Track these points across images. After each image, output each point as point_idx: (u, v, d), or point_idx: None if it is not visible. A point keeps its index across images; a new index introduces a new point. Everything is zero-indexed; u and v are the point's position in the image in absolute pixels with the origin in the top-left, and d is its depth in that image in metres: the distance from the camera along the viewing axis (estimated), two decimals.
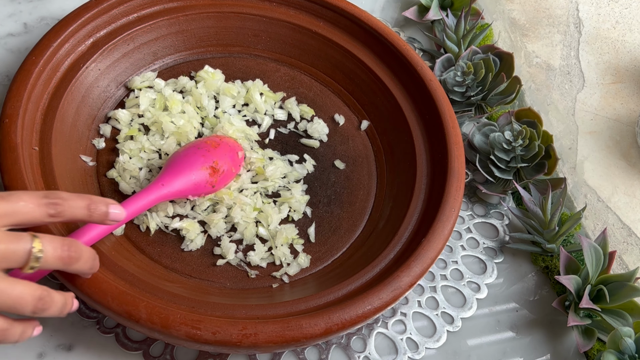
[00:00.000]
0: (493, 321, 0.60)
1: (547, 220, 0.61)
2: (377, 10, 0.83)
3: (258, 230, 0.59)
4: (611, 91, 0.79)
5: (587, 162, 0.72)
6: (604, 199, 0.69)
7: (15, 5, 0.75)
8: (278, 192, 0.62)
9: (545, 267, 0.63)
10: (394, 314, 0.59)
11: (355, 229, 0.62)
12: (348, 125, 0.69)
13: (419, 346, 0.57)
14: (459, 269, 0.62)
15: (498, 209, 0.67)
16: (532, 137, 0.65)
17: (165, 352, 0.54)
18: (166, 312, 0.47)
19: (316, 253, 0.60)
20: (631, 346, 0.53)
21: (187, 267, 0.57)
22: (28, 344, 0.53)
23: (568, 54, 0.81)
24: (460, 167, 0.59)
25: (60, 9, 0.74)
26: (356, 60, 0.69)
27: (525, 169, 0.66)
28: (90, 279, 0.48)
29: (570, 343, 0.59)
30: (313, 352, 0.56)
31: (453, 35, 0.75)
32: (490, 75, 0.69)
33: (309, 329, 0.48)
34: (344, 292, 0.53)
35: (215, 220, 0.59)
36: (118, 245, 0.56)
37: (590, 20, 0.85)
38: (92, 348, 0.53)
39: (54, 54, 0.60)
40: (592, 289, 0.57)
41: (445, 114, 0.62)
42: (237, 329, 0.47)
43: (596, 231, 0.66)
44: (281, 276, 0.58)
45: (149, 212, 0.58)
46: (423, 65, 0.66)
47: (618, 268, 0.64)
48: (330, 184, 0.64)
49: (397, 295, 0.51)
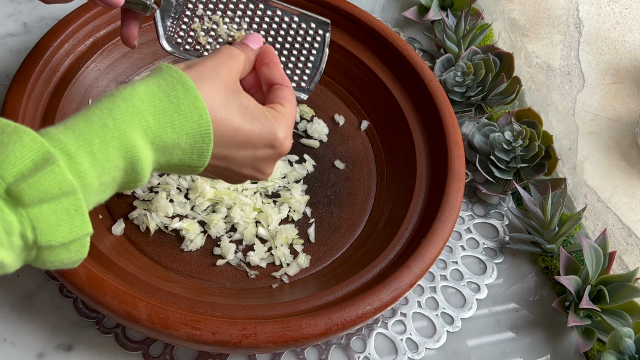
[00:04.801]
0: (493, 321, 0.60)
1: (547, 221, 0.61)
2: (377, 11, 0.83)
3: (258, 230, 0.59)
4: (611, 91, 0.79)
5: (587, 163, 0.72)
6: (604, 199, 0.69)
7: (15, 5, 0.75)
8: (278, 192, 0.62)
9: (545, 268, 0.63)
10: (394, 314, 0.59)
11: (355, 229, 0.62)
12: (348, 125, 0.69)
13: (419, 346, 0.57)
14: (458, 270, 0.62)
15: (498, 209, 0.67)
16: (532, 137, 0.65)
17: (165, 352, 0.54)
18: (166, 312, 0.47)
19: (316, 253, 0.60)
20: (631, 346, 0.53)
21: (187, 267, 0.57)
22: (28, 344, 0.53)
23: (568, 54, 0.81)
24: (460, 167, 0.59)
25: (60, 9, 0.74)
26: (356, 60, 0.69)
27: (525, 169, 0.66)
28: (90, 279, 0.48)
29: (570, 343, 0.59)
30: (313, 352, 0.56)
31: (453, 35, 0.75)
32: (490, 76, 0.69)
33: (308, 329, 0.48)
34: (344, 293, 0.53)
35: (215, 220, 0.59)
36: (118, 245, 0.56)
37: (590, 20, 0.85)
38: (91, 348, 0.53)
39: (54, 54, 0.60)
40: (592, 290, 0.57)
41: (445, 114, 0.62)
42: (237, 329, 0.47)
43: (596, 231, 0.66)
44: (281, 276, 0.58)
45: (149, 212, 0.58)
46: (423, 65, 0.66)
47: (618, 268, 0.64)
48: (330, 184, 0.64)
49: (397, 295, 0.51)
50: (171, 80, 0.40)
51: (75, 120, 0.37)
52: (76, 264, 0.38)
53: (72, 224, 0.35)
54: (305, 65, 0.51)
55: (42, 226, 0.34)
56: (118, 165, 0.37)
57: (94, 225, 0.55)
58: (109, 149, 0.37)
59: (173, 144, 0.39)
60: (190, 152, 0.40)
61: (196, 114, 0.39)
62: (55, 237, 0.35)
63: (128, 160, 0.38)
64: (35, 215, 0.34)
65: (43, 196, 0.34)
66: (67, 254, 0.36)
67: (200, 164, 0.42)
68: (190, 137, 0.40)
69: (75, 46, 0.62)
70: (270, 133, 0.44)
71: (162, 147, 0.39)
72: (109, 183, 0.38)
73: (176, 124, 0.39)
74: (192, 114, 0.39)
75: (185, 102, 0.39)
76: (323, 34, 0.51)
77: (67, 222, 0.35)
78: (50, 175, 0.34)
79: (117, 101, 0.38)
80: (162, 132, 0.39)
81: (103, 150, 0.37)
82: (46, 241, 0.34)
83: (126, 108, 0.38)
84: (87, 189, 0.36)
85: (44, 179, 0.34)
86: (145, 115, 0.38)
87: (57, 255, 0.36)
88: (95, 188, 0.37)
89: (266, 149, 0.44)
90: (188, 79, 0.40)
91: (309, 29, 0.51)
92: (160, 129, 0.39)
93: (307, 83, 0.52)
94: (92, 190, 0.37)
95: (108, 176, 0.37)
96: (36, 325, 0.54)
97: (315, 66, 0.51)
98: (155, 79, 0.40)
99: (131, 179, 0.39)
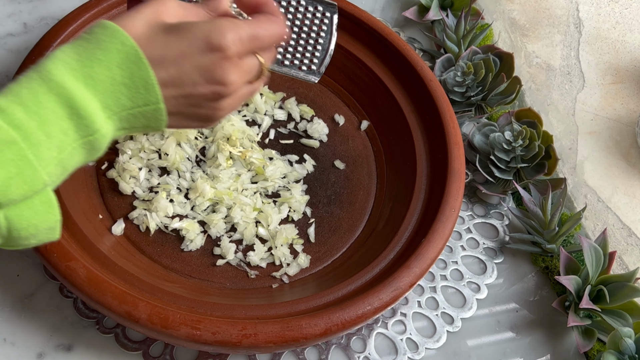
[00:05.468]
0: (493, 321, 0.60)
1: (547, 221, 0.61)
2: (377, 11, 0.83)
3: (258, 230, 0.59)
4: (611, 91, 0.79)
5: (587, 163, 0.72)
6: (604, 199, 0.69)
7: (15, 5, 0.75)
8: (278, 192, 0.62)
9: (545, 268, 0.63)
10: (394, 314, 0.59)
11: (355, 229, 0.62)
12: (348, 125, 0.69)
13: (419, 346, 0.57)
14: (459, 269, 0.62)
15: (498, 209, 0.67)
16: (532, 137, 0.65)
17: (165, 352, 0.54)
18: (166, 312, 0.47)
19: (316, 253, 0.60)
20: (631, 346, 0.53)
21: (187, 267, 0.57)
22: (28, 344, 0.53)
23: (568, 54, 0.81)
24: (460, 167, 0.59)
25: (60, 9, 0.74)
26: (356, 60, 0.69)
27: (525, 169, 0.66)
28: (90, 279, 0.48)
29: (570, 343, 0.59)
30: (313, 352, 0.56)
31: (453, 35, 0.75)
32: (490, 76, 0.69)
33: (308, 329, 0.48)
34: (344, 293, 0.53)
35: (215, 220, 0.59)
36: (118, 245, 0.56)
37: (590, 20, 0.85)
38: (91, 348, 0.53)
39: None
40: (592, 290, 0.57)
41: (445, 114, 0.62)
42: (237, 329, 0.47)
43: (596, 231, 0.66)
44: (281, 276, 0.58)
45: (149, 212, 0.58)
46: (423, 65, 0.66)
47: (618, 268, 0.64)
48: (330, 184, 0.64)
49: (397, 295, 0.51)
50: (90, 28, 0.40)
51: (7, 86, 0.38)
52: (55, 232, 0.39)
53: (24, 175, 0.35)
54: (314, 49, 0.52)
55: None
56: (57, 112, 0.37)
57: (95, 225, 0.56)
58: (39, 96, 0.37)
59: (108, 80, 0.38)
60: (134, 85, 0.39)
61: (117, 43, 0.39)
62: (10, 190, 0.35)
63: (65, 104, 0.37)
64: None
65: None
66: (36, 216, 0.37)
67: (154, 97, 0.40)
68: (122, 68, 0.39)
69: None
70: (202, 36, 0.40)
71: (100, 87, 0.38)
72: (59, 136, 0.37)
73: (102, 59, 0.38)
74: (114, 44, 0.39)
75: (103, 37, 0.39)
76: (330, 16, 0.51)
77: (17, 174, 0.35)
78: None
79: (41, 60, 0.38)
80: (89, 70, 0.38)
81: (33, 98, 0.36)
82: (4, 196, 0.35)
83: (48, 60, 0.38)
84: (31, 139, 0.36)
85: None
86: (67, 60, 0.38)
87: (26, 218, 0.36)
88: (41, 140, 0.36)
89: (206, 55, 0.41)
90: (105, 20, 0.40)
91: (316, 11, 0.51)
92: (85, 67, 0.38)
93: (317, 66, 0.52)
94: (39, 142, 0.36)
95: (52, 126, 0.37)
96: (36, 325, 0.54)
97: (324, 49, 0.52)
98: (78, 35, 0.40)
99: (84, 129, 0.38)
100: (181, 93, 0.42)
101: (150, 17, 0.41)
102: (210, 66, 0.41)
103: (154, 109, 0.41)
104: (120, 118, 0.40)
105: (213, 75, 0.42)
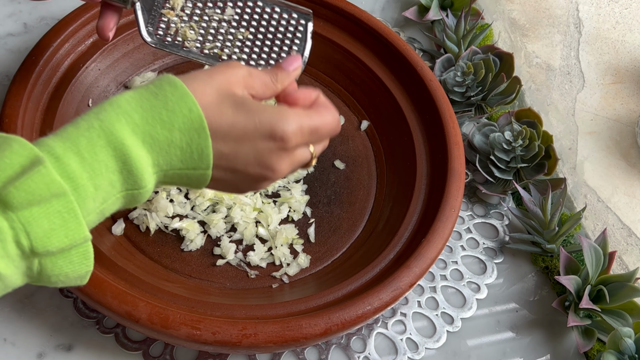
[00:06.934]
0: (493, 321, 0.60)
1: (547, 221, 0.61)
2: (377, 11, 0.83)
3: (258, 230, 0.59)
4: (611, 91, 0.79)
5: (587, 163, 0.72)
6: (604, 199, 0.69)
7: (15, 5, 0.75)
8: (278, 192, 0.62)
9: (545, 268, 0.63)
10: (394, 314, 0.59)
11: (355, 229, 0.62)
12: (348, 125, 0.69)
13: (419, 346, 0.57)
14: (458, 269, 0.62)
15: (498, 209, 0.67)
16: (532, 137, 0.65)
17: (165, 352, 0.54)
18: (166, 312, 0.47)
19: (316, 253, 0.60)
20: (631, 346, 0.53)
21: (187, 267, 0.57)
22: (28, 344, 0.53)
23: (568, 54, 0.81)
24: (460, 167, 0.59)
25: (60, 9, 0.74)
26: (356, 60, 0.69)
27: (525, 169, 0.66)
28: (90, 279, 0.48)
29: (570, 343, 0.59)
30: (313, 352, 0.56)
31: (453, 35, 0.75)
32: (490, 76, 0.69)
33: (308, 329, 0.48)
34: (344, 293, 0.53)
35: (215, 220, 0.59)
36: (118, 245, 0.56)
37: (590, 20, 0.85)
38: (91, 348, 0.53)
39: (54, 53, 0.60)
40: (592, 290, 0.57)
41: (445, 114, 0.62)
42: (237, 329, 0.47)
43: (596, 231, 0.66)
44: (281, 276, 0.58)
45: (149, 212, 0.58)
46: (423, 65, 0.66)
47: (618, 268, 0.64)
48: (330, 184, 0.64)
49: (397, 295, 0.51)
50: (159, 82, 0.40)
51: (64, 127, 0.37)
52: (84, 280, 0.38)
53: (67, 228, 0.35)
54: (289, 55, 0.52)
55: (36, 230, 0.33)
56: (110, 166, 0.37)
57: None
58: (96, 147, 0.37)
59: (166, 141, 0.39)
60: (189, 150, 0.40)
61: (185, 108, 0.39)
62: (51, 242, 0.34)
63: (119, 159, 0.37)
64: (26, 218, 0.33)
65: (31, 198, 0.33)
66: (70, 266, 0.36)
67: (205, 164, 0.41)
68: (183, 132, 0.39)
69: (76, 46, 0.63)
70: (268, 124, 0.41)
71: (157, 146, 0.39)
72: (106, 188, 0.37)
73: (165, 120, 0.39)
74: (181, 108, 0.39)
75: (172, 98, 0.39)
76: (305, 24, 0.52)
77: (60, 226, 0.34)
78: (37, 176, 0.34)
79: (104, 106, 0.38)
80: (150, 128, 0.38)
81: (90, 149, 0.36)
82: (42, 246, 0.34)
83: (112, 110, 0.38)
84: (80, 191, 0.36)
85: (30, 180, 0.33)
86: (132, 114, 0.38)
87: (59, 267, 0.35)
88: (89, 192, 0.36)
89: (267, 142, 0.42)
90: (176, 78, 0.40)
91: (291, 19, 0.52)
92: (148, 125, 0.38)
93: None
94: (87, 194, 0.36)
95: (102, 179, 0.37)
96: (36, 325, 0.54)
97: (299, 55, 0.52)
98: (145, 85, 0.40)
99: (131, 183, 0.38)
100: (231, 167, 0.43)
101: (221, 87, 0.41)
102: (267, 152, 0.42)
103: (202, 174, 0.41)
104: (165, 175, 0.40)
105: (266, 161, 0.43)
